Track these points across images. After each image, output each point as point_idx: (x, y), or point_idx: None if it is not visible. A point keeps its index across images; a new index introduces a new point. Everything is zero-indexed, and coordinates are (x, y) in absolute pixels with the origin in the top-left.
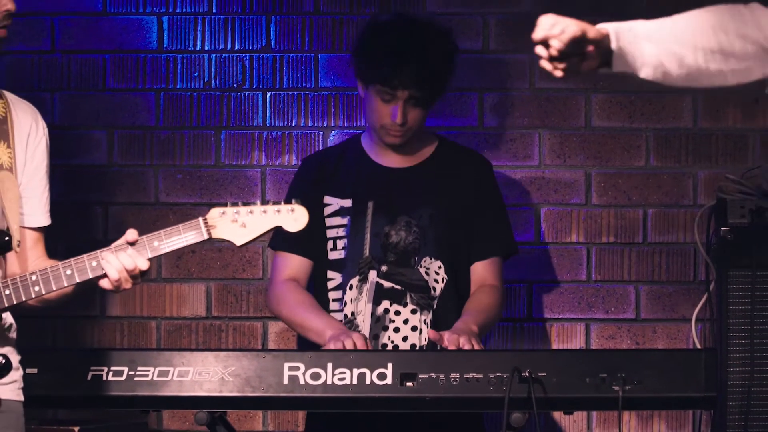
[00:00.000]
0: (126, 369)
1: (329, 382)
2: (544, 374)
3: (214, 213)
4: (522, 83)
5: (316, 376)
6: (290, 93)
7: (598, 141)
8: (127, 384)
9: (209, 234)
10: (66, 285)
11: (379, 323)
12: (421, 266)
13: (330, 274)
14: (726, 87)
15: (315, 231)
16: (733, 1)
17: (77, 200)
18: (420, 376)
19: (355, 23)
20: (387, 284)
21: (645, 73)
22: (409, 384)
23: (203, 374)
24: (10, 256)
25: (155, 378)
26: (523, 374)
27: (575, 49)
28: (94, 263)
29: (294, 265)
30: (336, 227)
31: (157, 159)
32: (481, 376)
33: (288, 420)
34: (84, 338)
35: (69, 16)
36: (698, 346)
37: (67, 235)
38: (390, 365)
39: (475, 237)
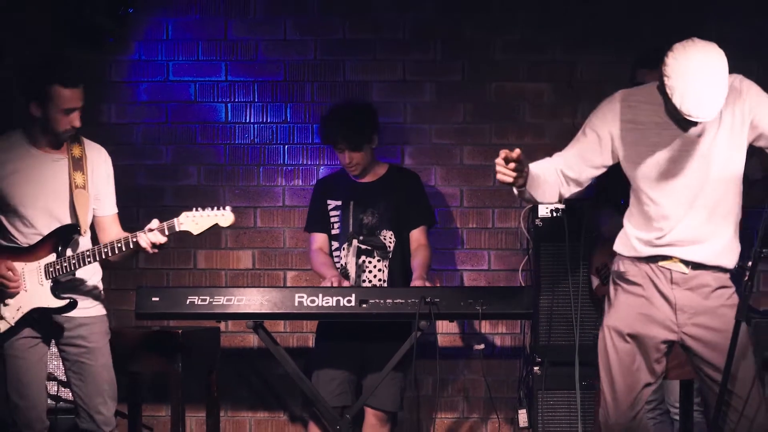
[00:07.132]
0: (208, 297)
1: (320, 304)
2: (438, 300)
3: (183, 215)
4: (425, 140)
5: (312, 301)
6: (298, 146)
7: (467, 172)
8: (209, 306)
9: (179, 227)
10: (117, 252)
11: (360, 268)
12: (382, 235)
13: (333, 242)
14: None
15: (326, 219)
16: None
17: (183, 205)
18: (370, 300)
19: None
20: (363, 246)
21: (539, 197)
22: (364, 305)
23: (251, 300)
24: (99, 231)
25: (224, 302)
26: (426, 300)
27: (518, 167)
28: (134, 240)
29: (320, 239)
30: (334, 216)
31: (224, 182)
32: (403, 301)
33: (297, 326)
34: (184, 281)
35: (176, 103)
36: (523, 285)
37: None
38: (354, 295)
39: (410, 215)
